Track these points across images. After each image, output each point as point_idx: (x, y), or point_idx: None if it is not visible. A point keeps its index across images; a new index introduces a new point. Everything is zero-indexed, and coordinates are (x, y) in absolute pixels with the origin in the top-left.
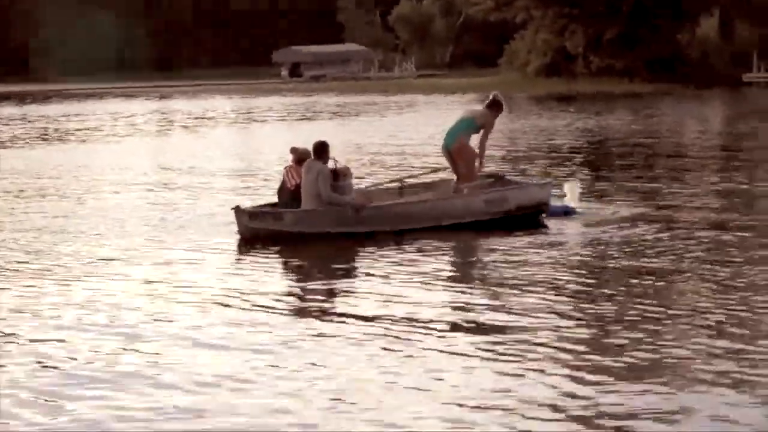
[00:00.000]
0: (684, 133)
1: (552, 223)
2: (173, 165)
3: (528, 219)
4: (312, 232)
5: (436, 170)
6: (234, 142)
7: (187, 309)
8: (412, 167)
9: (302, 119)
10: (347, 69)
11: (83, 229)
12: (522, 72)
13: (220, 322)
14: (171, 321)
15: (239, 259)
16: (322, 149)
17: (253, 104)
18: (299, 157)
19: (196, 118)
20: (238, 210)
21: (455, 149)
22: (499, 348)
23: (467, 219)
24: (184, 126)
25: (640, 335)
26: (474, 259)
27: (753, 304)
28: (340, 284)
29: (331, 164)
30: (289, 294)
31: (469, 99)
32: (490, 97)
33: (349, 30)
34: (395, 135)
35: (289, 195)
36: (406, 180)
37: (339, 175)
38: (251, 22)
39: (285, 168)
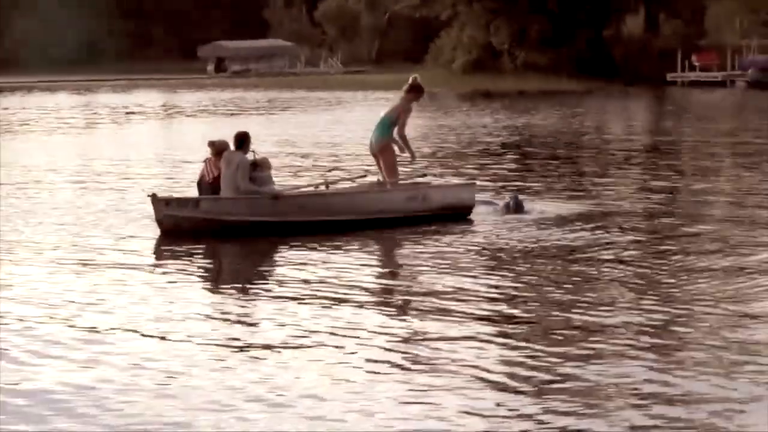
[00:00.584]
0: (608, 132)
1: (477, 223)
2: (96, 159)
3: (454, 218)
4: (229, 220)
5: (364, 176)
6: (158, 136)
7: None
8: (339, 167)
9: (228, 114)
10: (273, 64)
11: None
12: (447, 68)
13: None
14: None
15: (155, 252)
16: (242, 140)
17: (178, 99)
18: (217, 149)
19: (122, 113)
20: (154, 198)
21: (379, 149)
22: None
23: (388, 215)
24: (109, 120)
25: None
26: (392, 253)
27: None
28: (257, 283)
29: (250, 156)
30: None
31: (395, 96)
32: (409, 80)
33: (275, 25)
34: (321, 132)
35: (209, 188)
36: (332, 183)
37: (258, 167)
38: (176, 17)
39: (204, 161)
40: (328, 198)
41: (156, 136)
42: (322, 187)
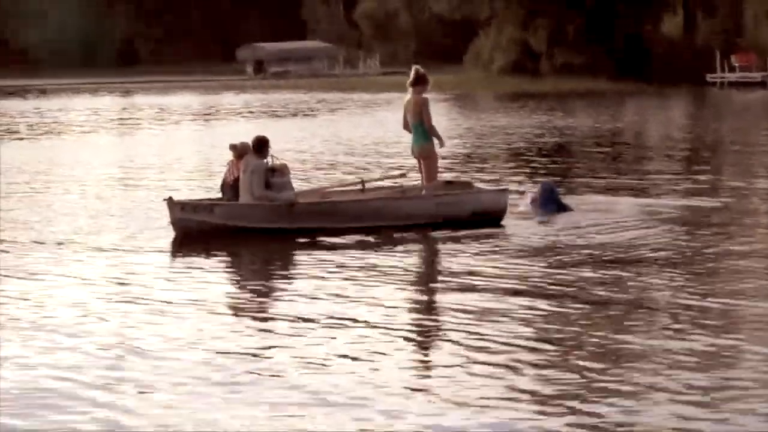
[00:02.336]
0: (649, 133)
1: (510, 228)
2: (133, 161)
3: (486, 224)
4: (244, 226)
5: (403, 174)
6: (198, 138)
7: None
8: (378, 167)
9: (270, 116)
10: (311, 66)
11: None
12: (486, 70)
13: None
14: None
15: (170, 255)
16: (260, 145)
17: (217, 101)
18: (239, 152)
19: (160, 115)
20: (170, 201)
21: (420, 154)
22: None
23: (415, 221)
24: (148, 122)
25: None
26: (420, 259)
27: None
28: (271, 284)
29: (270, 161)
30: (221, 295)
31: (433, 98)
32: (411, 74)
33: (313, 26)
34: (362, 133)
35: (231, 190)
36: (368, 181)
37: (276, 172)
38: (214, 18)
39: (228, 163)
40: (346, 204)
41: (196, 139)
42: (359, 187)
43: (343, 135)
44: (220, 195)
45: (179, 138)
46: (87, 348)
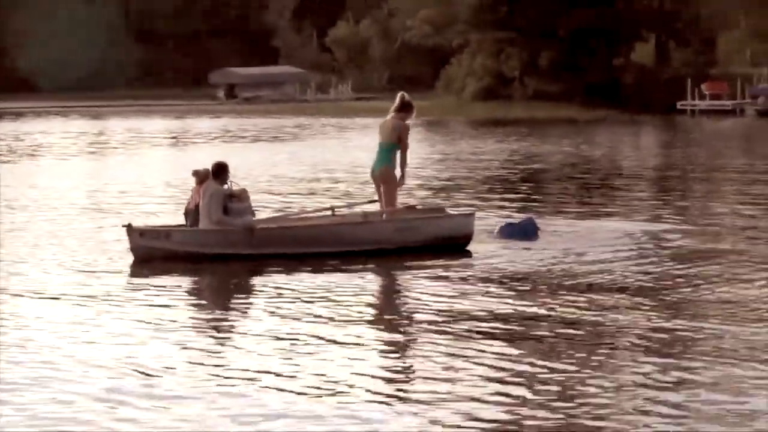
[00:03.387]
0: (618, 160)
1: (477, 254)
2: (103, 185)
3: (451, 250)
4: (203, 252)
5: (373, 201)
6: (167, 163)
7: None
8: (348, 193)
9: (238, 141)
10: (283, 91)
11: None
12: (458, 96)
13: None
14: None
15: (127, 281)
16: (219, 170)
17: (188, 125)
18: (201, 178)
19: (131, 140)
20: (129, 228)
21: (381, 177)
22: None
23: (375, 246)
24: (116, 147)
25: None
26: (374, 285)
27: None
28: (221, 310)
29: (230, 186)
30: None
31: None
32: (397, 100)
33: (286, 52)
34: (332, 158)
35: (193, 216)
36: (338, 208)
37: (234, 197)
38: (188, 44)
39: (192, 189)
40: (307, 230)
41: (167, 164)
42: (329, 213)
43: (314, 160)
44: (184, 221)
45: (151, 163)
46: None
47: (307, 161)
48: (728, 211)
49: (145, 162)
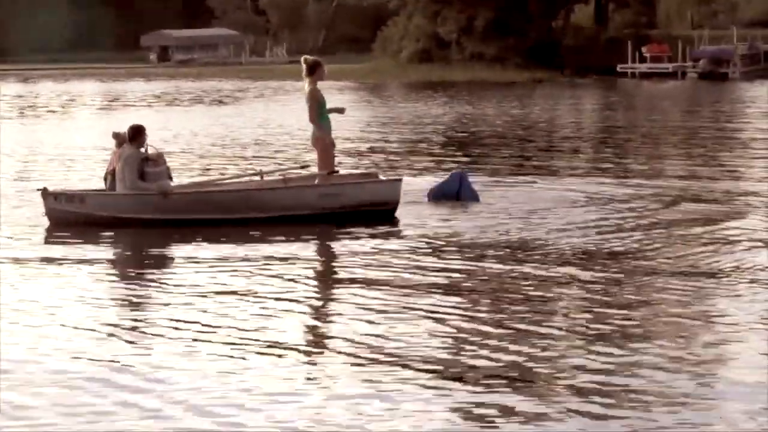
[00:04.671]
0: (560, 122)
1: (404, 220)
2: (28, 149)
3: (377, 216)
4: (119, 217)
5: (304, 166)
6: (96, 127)
7: None
8: (279, 158)
9: (169, 105)
10: (217, 54)
11: None
12: (395, 59)
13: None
14: None
15: (38, 246)
16: (135, 134)
17: (121, 89)
18: (120, 141)
19: (62, 102)
20: (44, 191)
21: (312, 141)
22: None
23: (297, 212)
24: (49, 110)
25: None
26: (295, 252)
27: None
28: (133, 282)
29: (148, 150)
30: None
31: (341, 87)
32: (303, 64)
33: (220, 14)
34: (265, 123)
35: (111, 180)
36: (268, 172)
37: (150, 161)
38: (122, 6)
39: (112, 152)
40: (224, 195)
41: (96, 127)
42: (257, 178)
43: (247, 124)
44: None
45: (82, 126)
46: None
47: (247, 125)
48: (672, 171)
49: (77, 126)
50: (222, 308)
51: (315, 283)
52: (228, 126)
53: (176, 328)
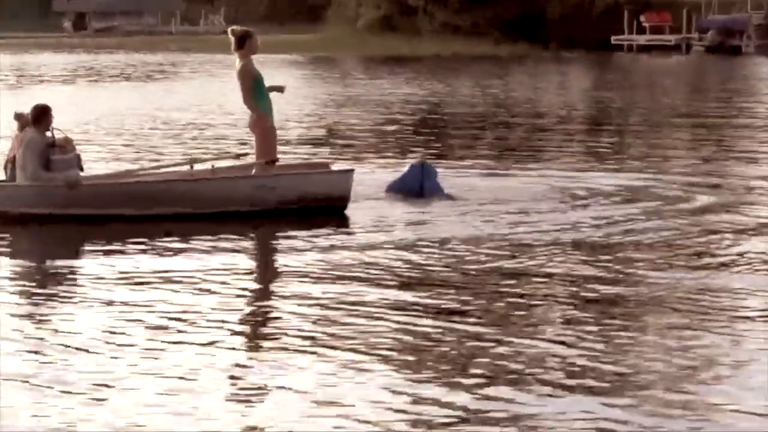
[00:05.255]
0: (545, 104)
1: (354, 218)
2: None
3: (325, 213)
4: (20, 212)
5: (242, 154)
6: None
7: None
8: (219, 145)
9: (88, 82)
10: (142, 21)
11: None
12: (352, 27)
13: None
14: None
15: None
16: (39, 115)
17: (31, 62)
18: (24, 124)
19: None
20: None
21: (250, 124)
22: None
23: (229, 208)
24: None
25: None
26: (228, 257)
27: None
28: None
29: (56, 134)
30: None
31: (291, 60)
32: (231, 36)
33: None
34: (196, 103)
35: (11, 169)
36: (200, 161)
37: (57, 147)
38: None
39: (14, 136)
40: (143, 186)
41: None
42: (186, 167)
43: (175, 104)
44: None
45: None
46: None
47: (180, 106)
48: (677, 161)
49: None
50: (124, 325)
51: (240, 297)
52: (158, 106)
53: (86, 350)
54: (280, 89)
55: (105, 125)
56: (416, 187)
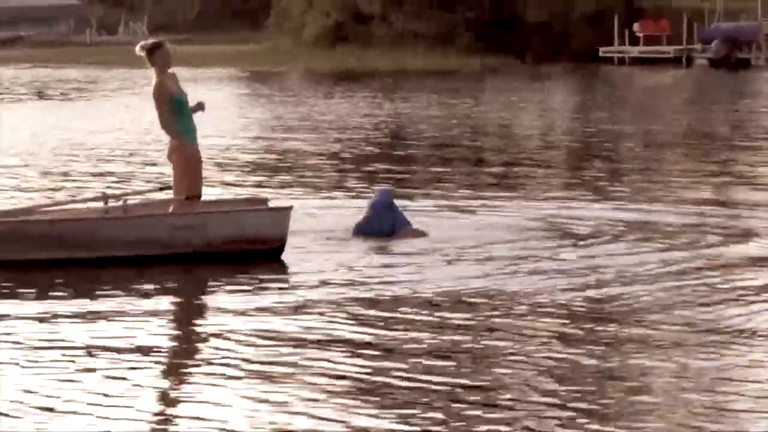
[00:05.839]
0: (520, 127)
1: (293, 264)
2: None
3: (259, 257)
4: None
5: (163, 188)
6: None
7: None
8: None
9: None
10: (52, 30)
11: None
12: (296, 38)
13: None
14: None
15: None
16: None
17: None
18: None
19: None
20: None
21: (168, 153)
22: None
23: (143, 251)
24: None
25: None
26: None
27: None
28: None
29: None
30: None
31: (226, 75)
32: (140, 52)
33: None
34: (118, 126)
35: None
36: (115, 197)
37: None
38: None
39: None
40: (41, 226)
41: None
42: (101, 204)
43: (99, 127)
44: None
45: None
46: None
47: (99, 129)
48: (679, 192)
49: None
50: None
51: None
52: (72, 130)
53: None
54: (199, 107)
55: (12, 151)
56: (387, 229)
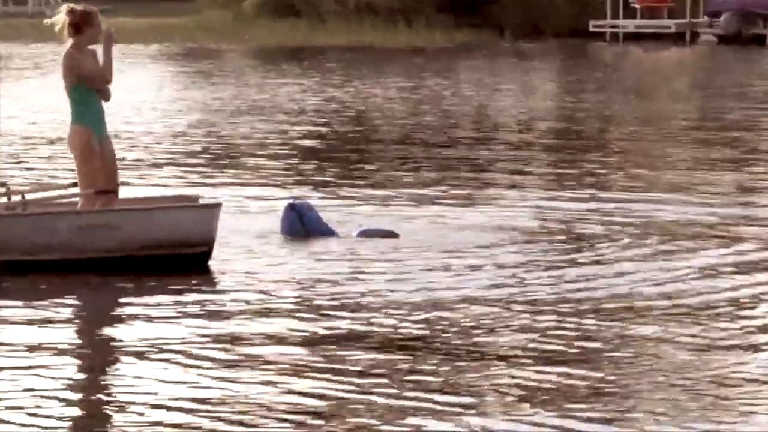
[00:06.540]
0: (496, 112)
1: (220, 268)
2: None
3: (182, 264)
4: None
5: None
6: None
7: None
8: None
9: None
10: None
11: None
12: (233, 9)
13: None
14: None
15: None
16: None
17: None
18: None
19: None
20: None
21: (68, 141)
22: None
23: (43, 256)
24: None
25: None
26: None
27: None
28: None
29: None
30: None
31: (154, 52)
32: (60, 18)
33: None
34: (29, 109)
35: None
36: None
37: None
38: None
39: None
40: None
41: None
42: (3, 199)
43: (10, 112)
44: None
45: None
46: None
47: (10, 114)
48: (683, 184)
49: None
50: None
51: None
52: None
53: None
54: (104, 93)
55: None
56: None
